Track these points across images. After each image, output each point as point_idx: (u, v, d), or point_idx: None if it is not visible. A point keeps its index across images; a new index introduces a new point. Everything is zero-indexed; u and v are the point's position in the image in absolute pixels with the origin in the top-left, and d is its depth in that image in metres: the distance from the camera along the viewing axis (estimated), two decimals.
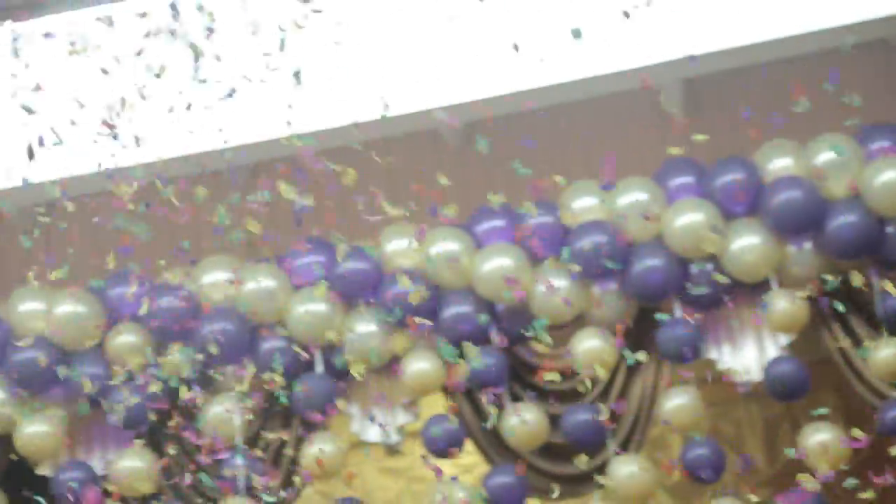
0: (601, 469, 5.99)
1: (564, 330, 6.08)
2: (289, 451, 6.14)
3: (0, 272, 6.70)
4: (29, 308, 6.27)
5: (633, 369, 6.07)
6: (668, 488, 7.25)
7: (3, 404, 6.16)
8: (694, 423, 6.05)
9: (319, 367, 6.13)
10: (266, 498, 5.88)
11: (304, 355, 6.07)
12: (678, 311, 6.01)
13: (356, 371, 6.01)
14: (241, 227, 5.45)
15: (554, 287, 5.95)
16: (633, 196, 6.06)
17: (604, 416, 5.93)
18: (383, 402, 6.16)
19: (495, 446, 6.19)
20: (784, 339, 5.99)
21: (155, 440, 6.16)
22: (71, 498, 5.96)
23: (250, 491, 5.99)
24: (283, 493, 6.05)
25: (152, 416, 6.00)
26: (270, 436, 6.05)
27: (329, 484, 6.66)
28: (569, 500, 6.47)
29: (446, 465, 6.47)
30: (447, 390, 6.18)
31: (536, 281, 6.03)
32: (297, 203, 4.99)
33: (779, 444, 7.17)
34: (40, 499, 5.91)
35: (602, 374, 5.85)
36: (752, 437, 7.31)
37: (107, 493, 6.01)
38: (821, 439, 5.84)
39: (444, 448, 6.10)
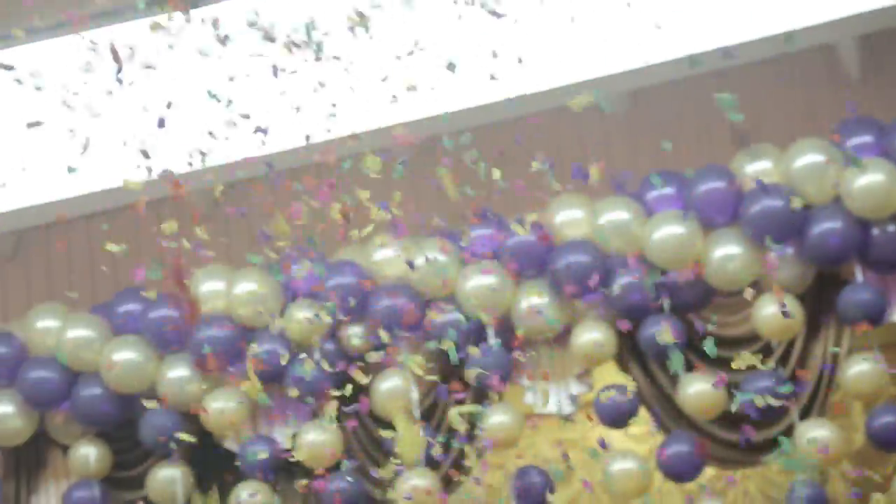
0: (785, 433, 5.87)
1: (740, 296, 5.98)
2: (463, 425, 6.19)
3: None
4: (211, 287, 6.47)
5: (812, 334, 5.94)
6: (851, 455, 7.07)
7: (188, 381, 6.37)
8: (877, 390, 5.90)
9: (493, 340, 6.16)
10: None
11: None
12: (860, 275, 5.85)
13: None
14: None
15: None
16: (808, 158, 5.91)
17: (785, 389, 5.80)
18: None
19: (672, 416, 6.14)
20: None
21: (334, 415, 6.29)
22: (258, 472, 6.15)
23: (429, 462, 6.08)
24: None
25: (331, 391, 6.11)
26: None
27: (502, 455, 6.69)
28: (748, 469, 6.41)
29: (617, 436, 6.48)
30: (620, 360, 6.16)
31: (708, 248, 5.94)
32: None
33: None
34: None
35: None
36: None
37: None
38: None
39: (618, 418, 6.07)
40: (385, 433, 6.11)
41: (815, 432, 5.84)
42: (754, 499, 7.24)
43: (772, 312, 5.81)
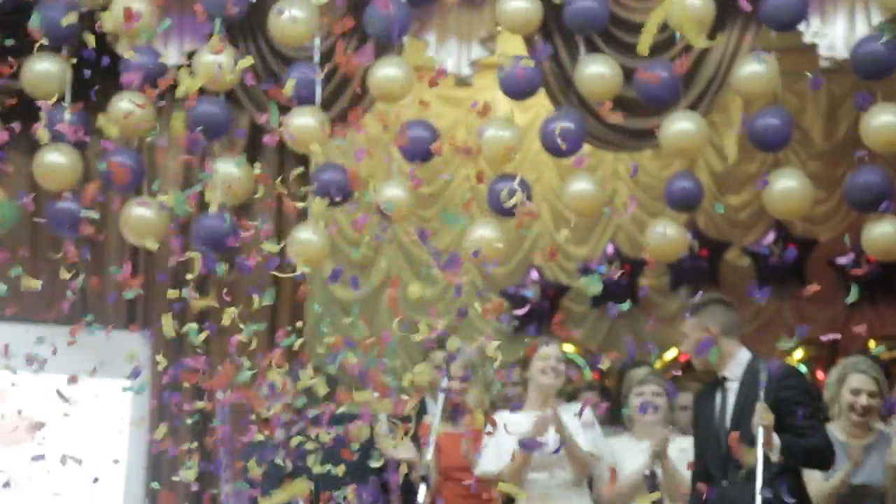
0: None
1: None
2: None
3: None
4: None
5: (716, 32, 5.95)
6: (721, 149, 7.32)
7: None
8: (765, 91, 6.01)
9: None
10: None
11: None
12: None
13: None
14: None
15: None
16: None
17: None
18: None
19: (567, 94, 6.18)
20: (876, 18, 5.83)
21: None
22: None
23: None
24: None
25: None
26: None
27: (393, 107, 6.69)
28: (623, 153, 6.57)
29: (506, 103, 6.52)
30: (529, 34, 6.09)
31: None
32: None
33: (839, 120, 7.17)
34: None
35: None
36: (814, 111, 7.29)
37: None
38: (886, 120, 5.80)
39: (519, 91, 6.07)
40: None
41: (682, 125, 5.96)
42: (622, 176, 7.50)
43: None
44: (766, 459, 3.91)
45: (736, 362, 4.36)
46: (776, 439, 3.99)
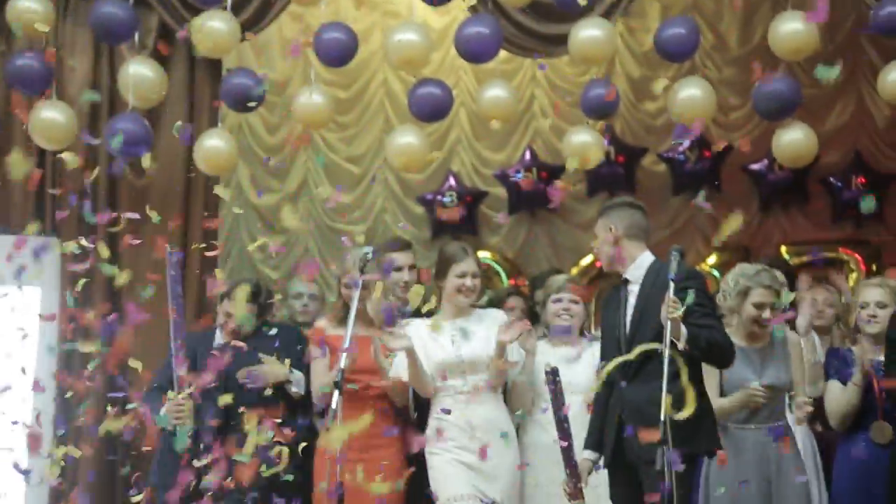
0: None
1: None
2: None
3: None
4: None
5: None
6: (639, 55, 7.32)
7: None
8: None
9: None
10: None
11: None
12: None
13: None
14: None
15: None
16: None
17: None
18: None
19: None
20: None
21: None
22: None
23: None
24: None
25: None
26: None
27: (307, 9, 6.58)
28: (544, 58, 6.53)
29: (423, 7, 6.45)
30: None
31: None
32: None
33: (755, 25, 7.18)
34: None
35: None
36: (731, 17, 7.29)
37: None
38: (792, 27, 5.84)
39: None
40: None
41: (590, 32, 5.95)
42: (540, 82, 7.47)
43: None
44: (672, 360, 3.95)
45: (637, 265, 4.39)
46: (683, 329, 4.04)
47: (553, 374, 4.33)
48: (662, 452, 3.78)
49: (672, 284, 4.06)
